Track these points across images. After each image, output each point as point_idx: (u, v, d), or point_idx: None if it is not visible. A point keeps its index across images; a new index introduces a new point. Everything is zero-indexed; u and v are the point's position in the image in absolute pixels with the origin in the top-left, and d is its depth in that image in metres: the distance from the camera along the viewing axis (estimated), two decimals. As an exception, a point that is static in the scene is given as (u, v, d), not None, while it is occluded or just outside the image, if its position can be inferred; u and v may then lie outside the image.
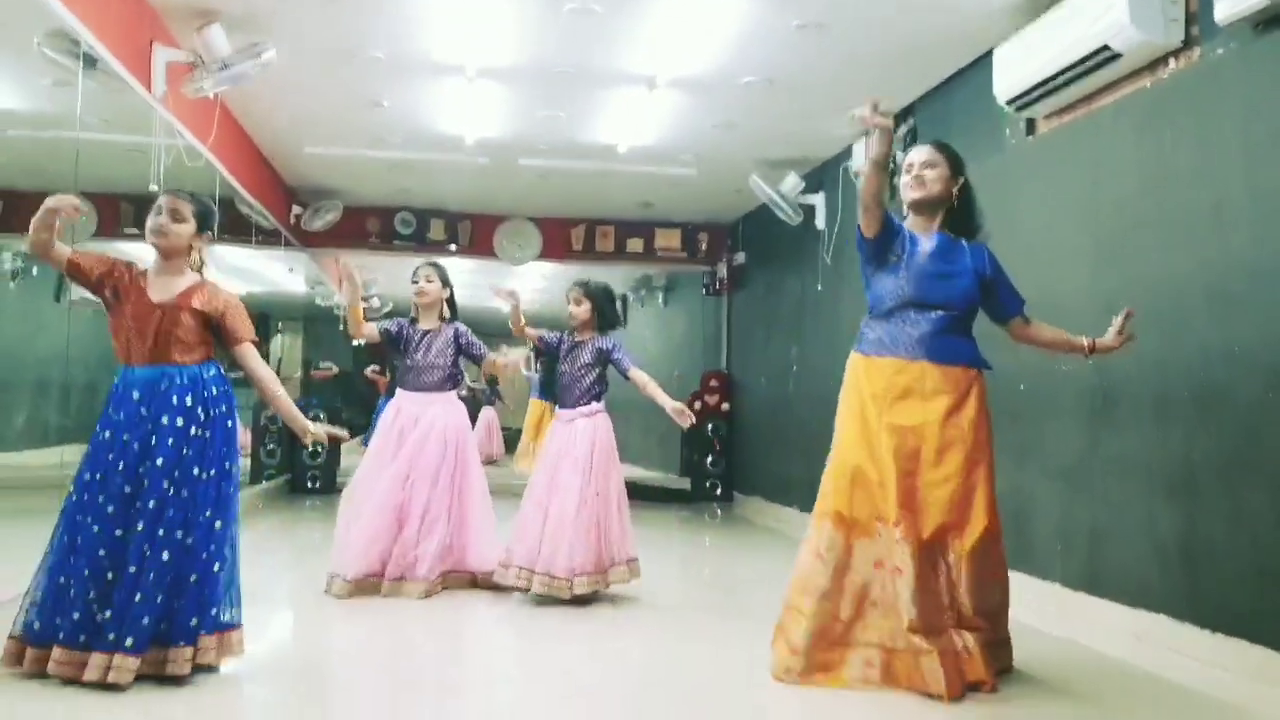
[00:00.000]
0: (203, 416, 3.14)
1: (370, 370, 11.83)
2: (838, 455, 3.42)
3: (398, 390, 4.92)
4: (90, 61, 4.45)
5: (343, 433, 4.14)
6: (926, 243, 3.45)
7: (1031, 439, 4.54)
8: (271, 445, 9.08)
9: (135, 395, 3.12)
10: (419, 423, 4.76)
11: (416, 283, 4.93)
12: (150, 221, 3.20)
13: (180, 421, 3.10)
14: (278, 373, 7.26)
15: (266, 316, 11.89)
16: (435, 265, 5.00)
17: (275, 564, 5.80)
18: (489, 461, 11.54)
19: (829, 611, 3.27)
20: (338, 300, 12.07)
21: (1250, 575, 3.40)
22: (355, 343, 5.03)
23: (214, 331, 3.24)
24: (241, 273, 8.96)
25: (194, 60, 4.86)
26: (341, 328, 12.42)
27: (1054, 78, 4.27)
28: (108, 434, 3.11)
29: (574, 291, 4.86)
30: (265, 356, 3.47)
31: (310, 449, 8.97)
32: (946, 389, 3.34)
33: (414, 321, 4.95)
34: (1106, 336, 3.50)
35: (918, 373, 3.34)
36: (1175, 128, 3.85)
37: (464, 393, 5.17)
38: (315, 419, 9.08)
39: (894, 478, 3.25)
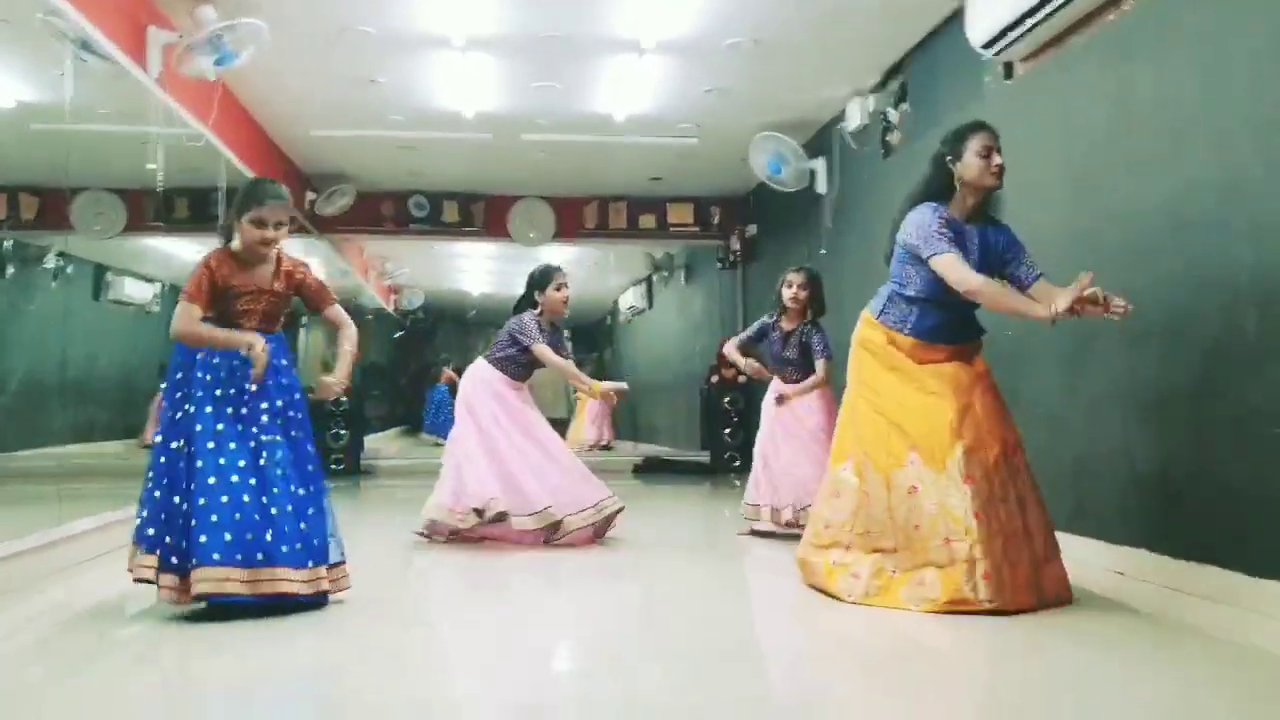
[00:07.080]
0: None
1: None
2: (850, 414, 3.65)
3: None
4: (85, 45, 4.59)
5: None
6: (974, 235, 3.52)
7: (1019, 384, 4.54)
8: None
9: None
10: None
11: (560, 290, 5.04)
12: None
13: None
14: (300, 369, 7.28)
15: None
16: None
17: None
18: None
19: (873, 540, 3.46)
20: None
21: (1216, 500, 3.42)
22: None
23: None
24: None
25: (189, 42, 4.99)
26: (371, 318, 12.50)
27: (1025, 16, 4.28)
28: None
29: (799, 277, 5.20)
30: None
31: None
32: (963, 357, 3.55)
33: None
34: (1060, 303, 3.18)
35: (935, 351, 3.53)
36: (1136, 61, 3.85)
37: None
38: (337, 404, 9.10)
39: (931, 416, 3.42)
